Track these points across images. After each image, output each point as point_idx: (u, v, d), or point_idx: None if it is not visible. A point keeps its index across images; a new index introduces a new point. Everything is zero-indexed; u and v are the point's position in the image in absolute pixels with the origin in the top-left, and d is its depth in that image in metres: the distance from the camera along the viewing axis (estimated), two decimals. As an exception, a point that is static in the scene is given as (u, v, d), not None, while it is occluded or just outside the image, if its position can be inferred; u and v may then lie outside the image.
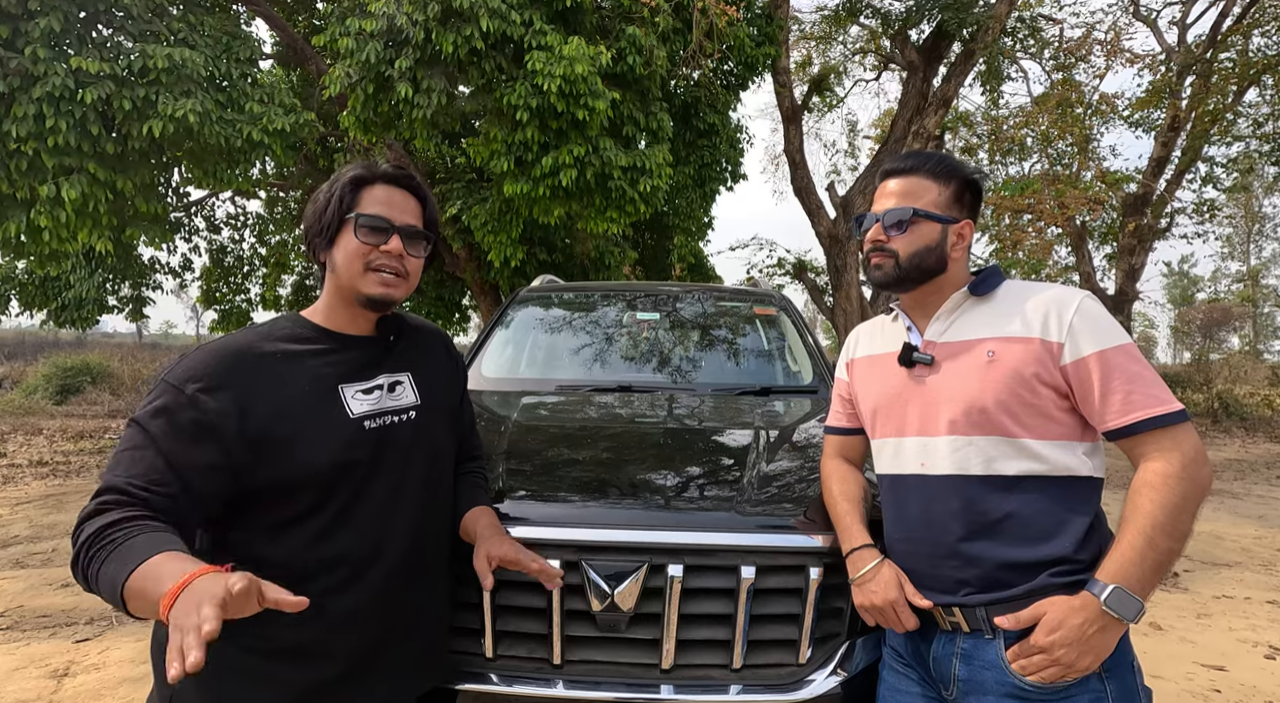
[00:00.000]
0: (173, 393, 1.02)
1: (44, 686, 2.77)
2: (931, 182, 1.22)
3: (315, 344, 1.16)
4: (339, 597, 1.09)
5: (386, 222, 1.16)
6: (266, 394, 1.07)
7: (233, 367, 1.07)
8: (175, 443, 0.99)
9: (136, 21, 5.54)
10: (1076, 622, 1.02)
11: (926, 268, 1.21)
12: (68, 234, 5.44)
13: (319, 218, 1.17)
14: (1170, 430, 1.05)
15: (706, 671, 1.33)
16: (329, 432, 1.10)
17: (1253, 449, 10.30)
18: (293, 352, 1.13)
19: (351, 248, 1.14)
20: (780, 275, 12.95)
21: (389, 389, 1.21)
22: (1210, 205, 13.31)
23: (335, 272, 1.17)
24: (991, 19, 9.28)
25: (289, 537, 1.06)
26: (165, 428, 1.00)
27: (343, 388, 1.15)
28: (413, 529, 1.19)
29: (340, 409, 1.13)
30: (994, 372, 1.13)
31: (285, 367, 1.11)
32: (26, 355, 20.05)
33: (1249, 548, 5.03)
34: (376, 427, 1.16)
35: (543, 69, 5.42)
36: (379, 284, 1.15)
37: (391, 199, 1.18)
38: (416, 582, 1.21)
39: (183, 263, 11.58)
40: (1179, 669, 3.04)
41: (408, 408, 1.22)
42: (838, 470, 1.41)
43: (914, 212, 1.20)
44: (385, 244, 1.15)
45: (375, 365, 1.20)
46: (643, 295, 3.20)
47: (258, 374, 1.08)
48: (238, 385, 1.05)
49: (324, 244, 1.17)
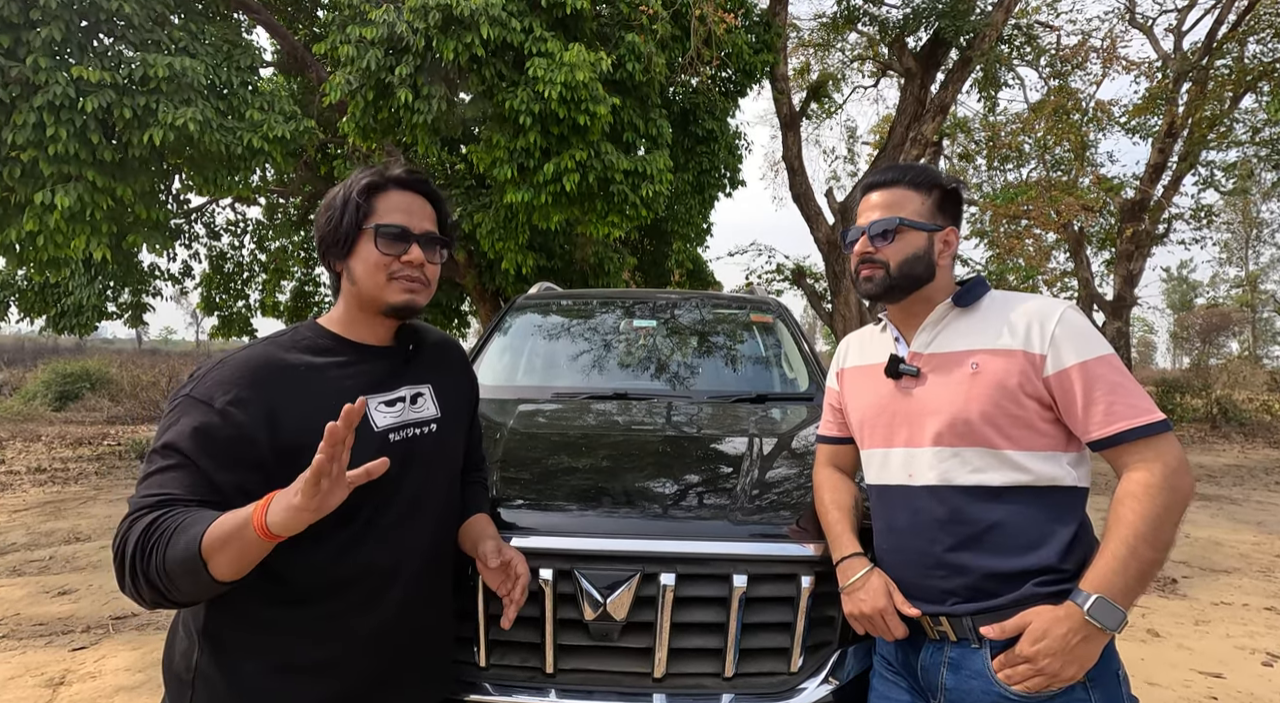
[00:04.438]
0: (202, 409, 0.99)
1: (39, 694, 2.77)
2: (913, 192, 1.24)
3: (337, 356, 1.13)
4: (362, 612, 1.08)
5: (406, 231, 1.13)
6: (294, 406, 1.04)
7: (259, 378, 1.04)
8: (212, 459, 0.96)
9: (138, 30, 5.58)
10: (1060, 631, 1.02)
11: (916, 276, 1.23)
12: (63, 240, 5.45)
13: (334, 228, 1.13)
14: (1152, 441, 1.07)
15: (699, 679, 1.34)
16: (356, 447, 1.07)
17: (1252, 455, 10.29)
18: (316, 364, 1.10)
19: (373, 259, 1.11)
20: (779, 281, 12.98)
21: (411, 401, 1.19)
22: (1208, 211, 13.35)
23: (355, 282, 1.13)
24: (988, 26, 9.34)
25: (313, 552, 1.03)
26: (199, 445, 0.97)
27: (367, 400, 1.11)
28: (431, 543, 1.18)
29: (365, 423, 1.10)
30: (978, 384, 1.14)
31: (310, 378, 1.08)
32: (26, 361, 20.07)
33: (1247, 554, 5.03)
34: (401, 439, 1.14)
35: (544, 75, 5.46)
36: (403, 292, 1.13)
37: (409, 206, 1.15)
38: (431, 596, 1.20)
39: (183, 269, 11.61)
40: (1176, 677, 3.03)
41: (429, 420, 1.20)
42: (829, 479, 1.42)
43: (900, 221, 1.22)
44: (406, 254, 1.13)
45: (397, 377, 1.18)
46: (639, 303, 3.21)
47: (284, 386, 1.05)
48: (266, 397, 1.02)
49: (341, 254, 1.13)
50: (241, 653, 1.03)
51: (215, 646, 1.04)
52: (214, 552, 0.87)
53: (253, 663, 1.03)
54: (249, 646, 1.04)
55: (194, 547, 0.86)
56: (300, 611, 1.05)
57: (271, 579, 1.01)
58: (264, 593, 1.02)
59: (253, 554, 0.90)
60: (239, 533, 0.87)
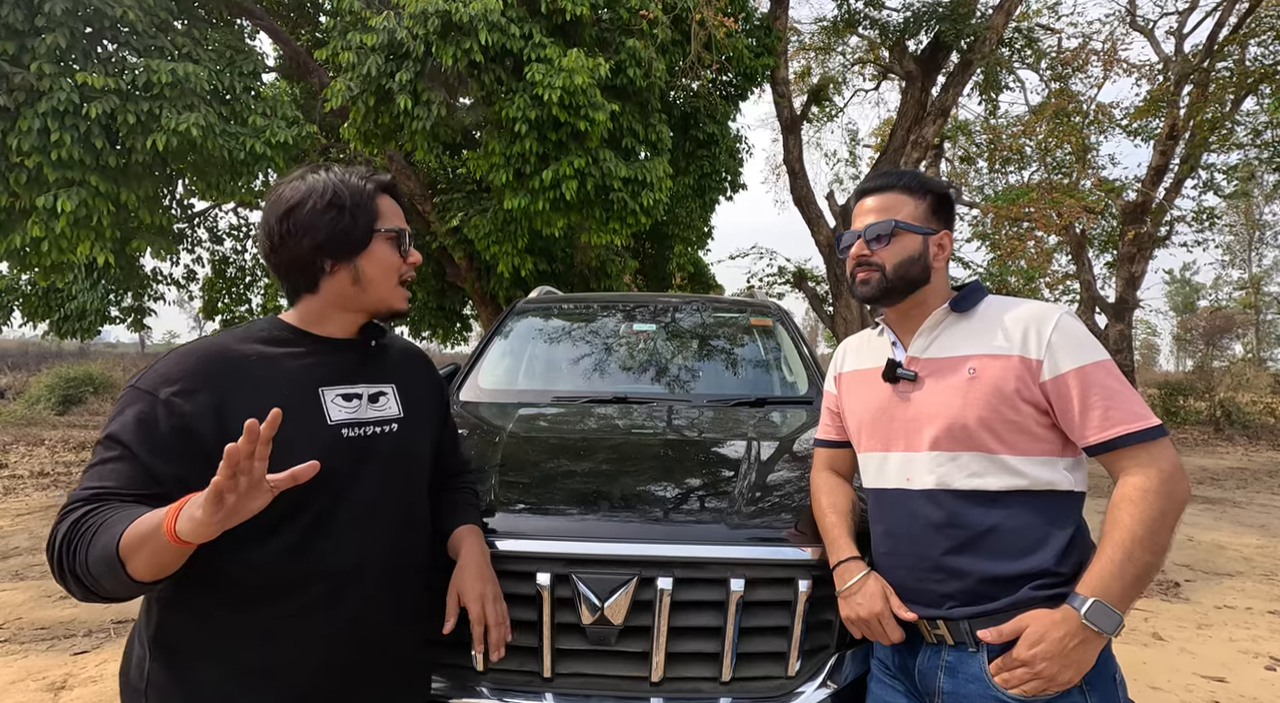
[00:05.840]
0: (146, 400, 0.98)
1: (41, 698, 2.77)
2: (907, 196, 1.25)
3: (293, 346, 1.11)
4: (319, 614, 1.05)
5: (409, 234, 1.17)
6: (243, 397, 1.01)
7: (207, 369, 1.02)
8: (153, 451, 0.95)
9: (141, 37, 5.61)
10: (1057, 635, 1.03)
11: (912, 278, 1.24)
12: (66, 246, 5.48)
13: (344, 229, 1.10)
14: (1148, 446, 1.07)
15: (696, 683, 1.34)
16: (305, 439, 1.05)
17: (1255, 458, 10.26)
18: (269, 354, 1.08)
19: (390, 262, 1.13)
20: (781, 284, 13.00)
21: (371, 399, 1.16)
22: (1210, 213, 13.33)
23: (363, 283, 1.12)
24: (988, 29, 9.36)
25: (259, 552, 1.01)
26: (141, 436, 0.95)
27: (323, 391, 1.10)
28: (391, 546, 1.15)
29: (319, 415, 1.08)
30: (976, 389, 1.15)
31: (261, 369, 1.06)
32: (29, 366, 20.12)
33: (1250, 558, 5.01)
34: (354, 437, 1.11)
35: (542, 81, 5.48)
36: (405, 298, 1.18)
37: (399, 211, 1.19)
38: (399, 599, 1.17)
39: (186, 274, 11.65)
40: (1179, 681, 3.02)
41: (390, 420, 1.18)
42: (826, 483, 1.42)
43: (895, 224, 1.23)
44: (410, 257, 1.17)
45: (358, 372, 1.16)
46: (639, 307, 3.21)
47: (233, 376, 1.03)
48: (213, 388, 1.00)
49: (348, 256, 1.11)
50: (194, 660, 1.01)
51: (168, 653, 1.01)
52: (131, 553, 0.85)
53: (206, 669, 1.00)
54: (201, 651, 1.01)
55: (111, 547, 0.85)
56: (252, 613, 1.02)
57: (222, 580, 0.99)
58: (214, 596, 1.00)
59: (168, 557, 0.87)
60: (152, 536, 0.85)
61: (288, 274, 1.13)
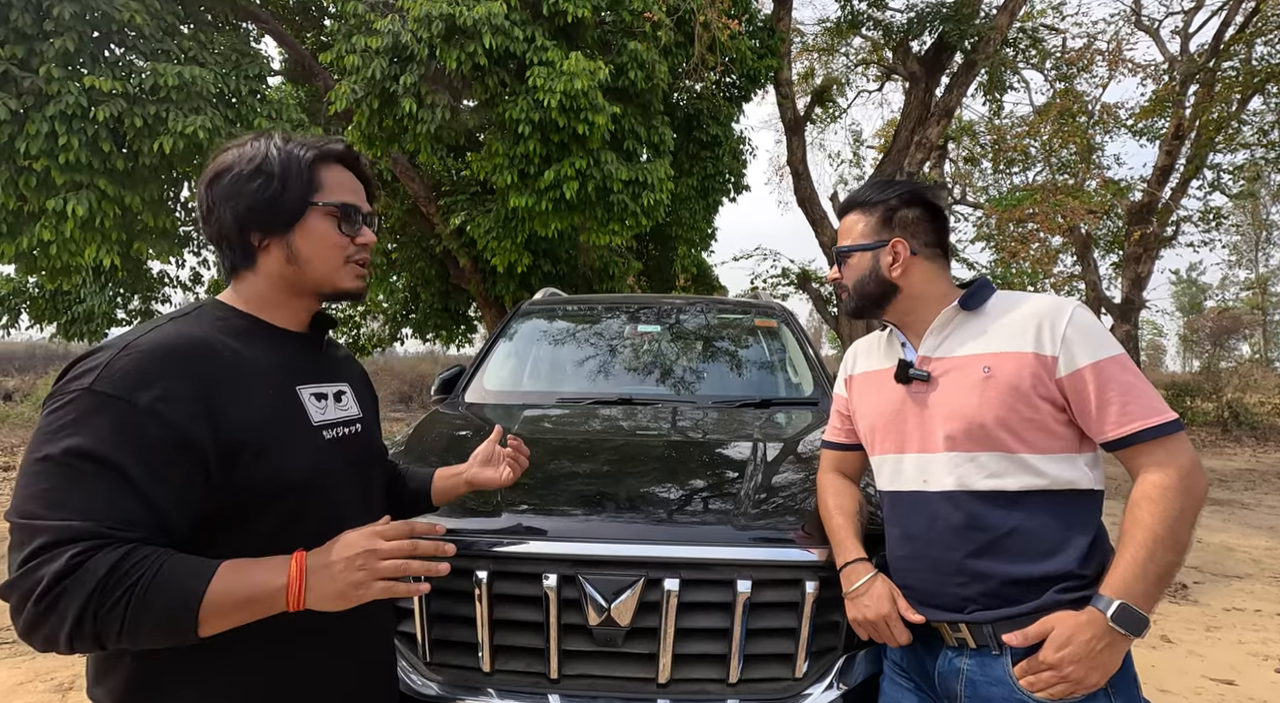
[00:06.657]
0: (119, 407, 0.81)
1: (49, 699, 2.78)
2: (860, 214, 1.29)
3: (257, 339, 1.01)
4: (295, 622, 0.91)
5: (359, 211, 1.06)
6: (229, 396, 0.90)
7: (187, 367, 0.88)
8: (146, 469, 0.81)
9: (148, 40, 5.65)
10: (1085, 638, 1.02)
11: (871, 293, 1.27)
12: (75, 249, 5.52)
13: (273, 198, 0.98)
14: (1165, 442, 1.07)
15: (703, 685, 1.34)
16: (298, 440, 0.98)
17: (1264, 459, 10.19)
18: (240, 350, 0.97)
19: (330, 239, 1.02)
20: (785, 285, 12.98)
21: (336, 398, 1.11)
22: (1216, 213, 13.27)
23: (299, 262, 1.01)
24: (992, 30, 9.33)
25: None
26: (127, 450, 0.80)
27: (300, 390, 1.03)
28: None
29: (304, 416, 1.02)
30: (991, 388, 1.13)
31: (238, 365, 0.94)
32: (37, 368, 20.23)
33: (1260, 560, 4.97)
34: (334, 437, 1.05)
35: (543, 84, 5.51)
36: (356, 278, 1.07)
37: (354, 185, 1.08)
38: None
39: (192, 276, 11.70)
40: (1187, 684, 3.00)
41: (355, 420, 1.13)
42: (833, 484, 1.41)
43: (839, 251, 1.30)
44: (361, 236, 1.06)
45: (320, 370, 1.10)
46: (643, 308, 3.21)
47: (215, 373, 0.90)
48: (199, 388, 0.88)
49: (279, 229, 1.00)
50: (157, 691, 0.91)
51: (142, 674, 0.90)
52: (217, 613, 0.76)
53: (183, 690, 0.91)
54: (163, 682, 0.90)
55: (193, 605, 0.75)
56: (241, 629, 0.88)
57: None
58: None
59: (258, 617, 0.82)
60: (262, 600, 0.77)
61: (220, 247, 1.03)
